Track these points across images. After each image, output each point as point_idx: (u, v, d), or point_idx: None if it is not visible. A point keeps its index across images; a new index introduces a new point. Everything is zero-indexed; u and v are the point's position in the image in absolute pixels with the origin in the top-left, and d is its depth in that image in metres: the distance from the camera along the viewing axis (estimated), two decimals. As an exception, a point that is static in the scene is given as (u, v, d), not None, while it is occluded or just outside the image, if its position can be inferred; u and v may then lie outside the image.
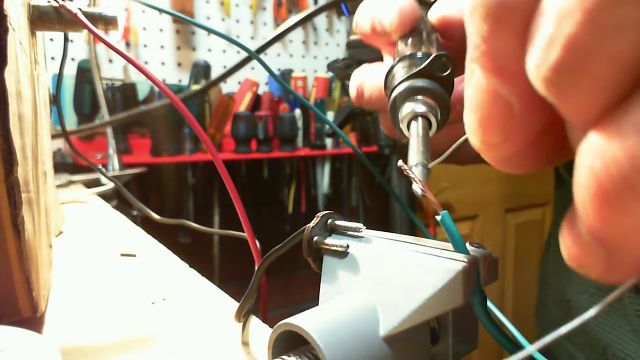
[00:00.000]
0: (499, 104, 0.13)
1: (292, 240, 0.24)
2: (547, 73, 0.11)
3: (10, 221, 0.25)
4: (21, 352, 0.21)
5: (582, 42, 0.10)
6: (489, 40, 0.12)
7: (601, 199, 0.10)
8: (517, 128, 0.13)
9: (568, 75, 0.10)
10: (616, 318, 0.43)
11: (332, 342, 0.19)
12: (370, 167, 0.35)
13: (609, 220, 0.11)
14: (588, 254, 0.12)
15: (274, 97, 1.80)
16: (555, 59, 0.10)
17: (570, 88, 0.11)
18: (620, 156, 0.10)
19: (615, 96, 0.11)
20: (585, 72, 0.10)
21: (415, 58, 0.24)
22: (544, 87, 0.11)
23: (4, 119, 0.23)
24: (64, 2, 0.34)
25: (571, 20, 0.10)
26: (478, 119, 0.13)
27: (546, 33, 0.11)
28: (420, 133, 0.21)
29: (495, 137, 0.13)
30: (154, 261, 0.45)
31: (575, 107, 0.11)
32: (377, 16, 0.28)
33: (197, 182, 1.68)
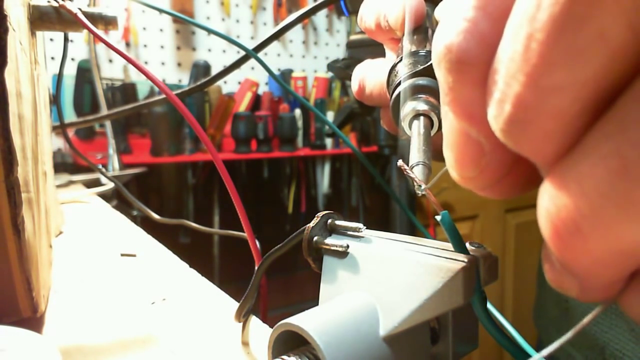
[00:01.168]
0: (470, 143, 0.14)
1: (292, 240, 0.24)
2: (503, 125, 0.12)
3: (10, 221, 0.25)
4: (21, 352, 0.21)
5: (528, 101, 0.11)
6: (454, 90, 0.14)
7: (557, 238, 0.12)
8: (489, 164, 0.14)
9: (519, 128, 0.12)
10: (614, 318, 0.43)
11: (332, 342, 0.19)
12: (369, 168, 0.35)
13: (567, 257, 0.12)
14: (563, 280, 0.13)
15: (274, 97, 1.80)
16: (507, 113, 0.12)
17: (522, 138, 0.12)
18: (568, 203, 0.11)
19: (563, 145, 0.12)
20: (533, 126, 0.12)
21: (418, 56, 0.24)
22: (501, 136, 0.13)
23: (4, 119, 0.23)
24: (64, 2, 0.34)
25: (517, 82, 0.11)
26: (454, 157, 0.15)
27: (499, 90, 0.12)
28: (421, 132, 0.21)
29: (470, 172, 0.15)
30: (154, 261, 0.45)
31: (530, 154, 0.12)
32: (382, 11, 0.28)
33: (197, 182, 1.68)
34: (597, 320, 0.44)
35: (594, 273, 0.12)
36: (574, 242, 0.11)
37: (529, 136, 0.12)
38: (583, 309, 0.46)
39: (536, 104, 0.11)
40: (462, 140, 0.14)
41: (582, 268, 0.12)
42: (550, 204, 0.12)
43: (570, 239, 0.11)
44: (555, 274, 0.13)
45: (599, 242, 0.11)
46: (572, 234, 0.11)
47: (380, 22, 0.28)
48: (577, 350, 0.48)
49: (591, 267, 0.12)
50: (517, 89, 0.11)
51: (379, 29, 0.28)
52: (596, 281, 0.12)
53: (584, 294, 0.13)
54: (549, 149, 0.12)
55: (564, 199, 0.11)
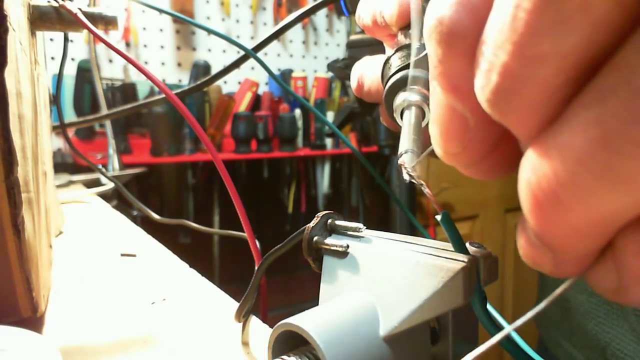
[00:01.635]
0: (455, 118, 0.14)
1: (292, 240, 0.24)
2: (489, 95, 0.12)
3: (10, 221, 0.25)
4: (21, 352, 0.21)
5: (514, 70, 0.12)
6: (443, 62, 0.14)
7: (537, 209, 0.12)
8: (473, 139, 0.14)
9: (505, 97, 0.12)
10: (615, 318, 0.43)
11: (332, 342, 0.19)
12: (369, 168, 0.35)
13: (546, 228, 0.12)
14: (538, 254, 0.13)
15: (274, 97, 1.80)
16: (494, 83, 0.12)
17: (508, 109, 0.12)
18: (548, 173, 0.11)
19: (546, 116, 0.12)
20: (518, 96, 0.12)
21: (412, 48, 0.24)
22: (487, 107, 0.13)
23: (4, 119, 0.23)
24: (64, 2, 0.34)
25: (504, 51, 0.12)
26: (439, 131, 0.15)
27: (486, 60, 0.12)
28: (412, 121, 0.21)
29: (454, 148, 0.15)
30: (154, 261, 0.45)
31: (514, 125, 0.13)
32: (377, 8, 0.28)
33: (197, 182, 1.68)
34: (599, 320, 0.44)
35: (571, 245, 0.12)
36: (553, 212, 0.12)
37: (514, 106, 0.12)
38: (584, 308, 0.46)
39: (522, 73, 0.11)
40: (448, 114, 0.14)
41: (559, 239, 0.12)
42: (530, 175, 0.12)
43: (550, 209, 0.12)
44: (530, 248, 0.13)
45: (577, 211, 0.11)
46: (551, 203, 0.12)
47: (377, 18, 0.28)
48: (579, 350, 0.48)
49: (568, 238, 0.12)
50: (504, 58, 0.12)
51: (375, 25, 0.29)
52: (571, 254, 0.13)
53: (558, 268, 0.13)
54: (532, 120, 0.12)
55: (545, 169, 0.12)
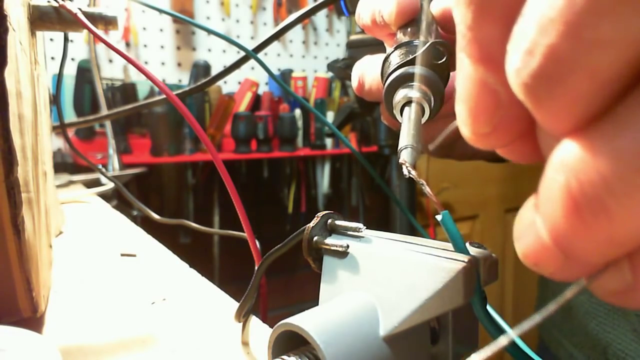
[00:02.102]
0: (486, 93, 0.13)
1: (292, 240, 0.24)
2: (526, 79, 0.11)
3: (10, 221, 0.25)
4: (21, 352, 0.21)
5: (563, 54, 0.10)
6: (474, 28, 0.12)
7: (574, 215, 0.11)
8: (505, 118, 0.13)
9: (546, 84, 0.10)
10: (616, 318, 0.43)
11: (332, 342, 0.19)
12: (369, 168, 0.35)
13: (577, 233, 0.11)
14: (546, 256, 0.12)
15: (274, 97, 1.80)
16: (535, 66, 0.10)
17: (547, 97, 0.11)
18: (594, 176, 0.10)
19: (592, 111, 0.11)
20: (563, 84, 0.10)
21: (411, 45, 0.24)
22: (521, 92, 0.11)
23: (4, 119, 0.23)
24: (64, 2, 0.34)
25: (553, 30, 0.10)
26: (467, 109, 0.13)
27: (528, 38, 0.11)
28: (412, 117, 0.21)
29: (484, 127, 0.13)
30: (154, 261, 0.45)
31: (550, 116, 0.11)
32: (376, 8, 0.28)
33: (197, 182, 1.68)
34: (600, 320, 0.44)
35: (599, 254, 0.11)
36: (595, 220, 0.10)
37: (556, 95, 0.10)
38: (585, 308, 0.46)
39: (573, 58, 0.10)
40: (478, 89, 0.13)
41: (588, 248, 0.11)
42: (569, 176, 0.11)
43: (591, 217, 0.10)
44: (539, 248, 0.12)
45: (623, 222, 0.10)
46: (594, 211, 0.10)
47: (376, 17, 0.28)
48: (579, 349, 0.48)
49: (601, 248, 0.11)
50: (552, 38, 0.10)
51: (375, 24, 0.29)
52: (586, 261, 0.12)
53: (561, 272, 0.12)
54: (575, 113, 0.11)
55: (591, 171, 0.10)
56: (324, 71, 2.03)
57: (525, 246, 0.13)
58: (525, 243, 0.13)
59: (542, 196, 0.12)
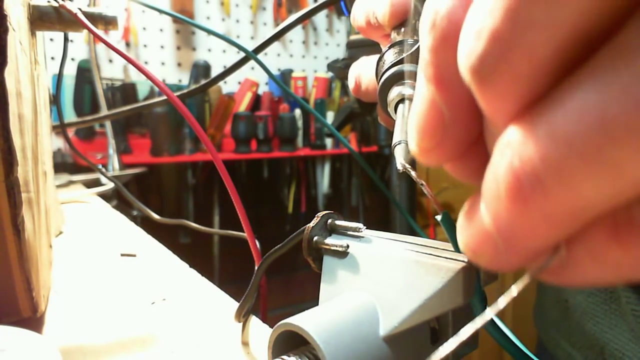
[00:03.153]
0: (433, 112, 0.14)
1: (292, 240, 0.24)
2: (473, 62, 0.12)
3: (10, 221, 0.25)
4: (21, 352, 0.21)
5: (503, 35, 0.11)
6: (432, 52, 0.14)
7: (516, 194, 0.11)
8: (447, 135, 0.14)
9: (491, 64, 0.11)
10: (613, 318, 0.43)
11: (332, 342, 0.19)
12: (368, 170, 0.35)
13: (517, 213, 0.12)
14: (485, 243, 0.13)
15: (274, 97, 1.80)
16: (480, 48, 0.12)
17: (492, 78, 0.12)
18: (533, 156, 0.11)
19: (533, 92, 0.12)
20: (505, 63, 0.11)
21: (405, 44, 0.24)
22: (469, 74, 0.12)
23: (4, 119, 0.23)
24: (64, 2, 0.34)
25: (495, 15, 0.11)
26: (415, 125, 0.15)
27: (476, 23, 0.12)
28: (405, 114, 0.21)
29: (427, 143, 0.15)
30: (154, 261, 0.45)
31: (494, 99, 0.12)
32: (370, 9, 0.28)
33: (197, 182, 1.68)
34: (597, 320, 0.44)
35: (536, 235, 0.12)
36: (533, 197, 0.11)
37: (499, 75, 0.11)
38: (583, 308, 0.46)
39: (512, 39, 0.11)
40: (426, 107, 0.14)
41: (526, 229, 0.12)
42: (512, 157, 0.11)
43: (530, 194, 0.11)
44: (479, 236, 0.13)
45: (559, 198, 0.11)
46: (533, 188, 0.11)
47: (370, 19, 0.28)
48: (577, 349, 0.48)
49: (537, 228, 0.12)
50: (493, 22, 0.11)
51: (369, 26, 0.29)
52: (524, 246, 0.12)
53: (496, 259, 0.13)
54: (517, 94, 0.12)
55: (530, 151, 0.11)
56: (324, 71, 2.03)
57: (467, 235, 0.14)
58: (468, 232, 0.13)
59: (486, 181, 0.12)
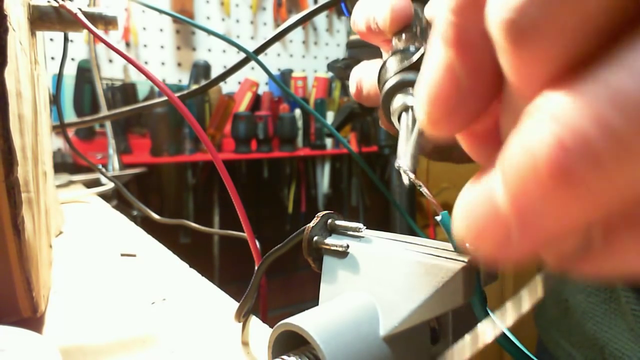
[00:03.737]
0: (450, 78, 0.13)
1: (292, 240, 0.24)
2: (510, 14, 0.10)
3: (10, 221, 0.25)
4: (21, 352, 0.21)
5: None
6: (457, 12, 0.12)
7: (559, 169, 0.09)
8: (460, 105, 0.13)
9: (532, 17, 0.10)
10: (613, 317, 0.43)
11: (332, 342, 0.19)
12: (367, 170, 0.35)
13: (557, 193, 0.10)
14: (494, 225, 0.11)
15: (274, 97, 1.80)
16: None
17: (531, 33, 0.10)
18: (589, 126, 0.09)
19: (578, 52, 0.10)
20: (550, 16, 0.10)
21: (407, 52, 0.24)
22: (503, 30, 0.10)
23: (4, 119, 0.23)
24: (64, 2, 0.34)
25: None
26: (428, 93, 0.14)
27: None
28: (409, 124, 0.21)
29: (439, 112, 0.13)
30: (154, 261, 0.45)
31: (533, 58, 0.10)
32: (371, 15, 0.28)
33: (197, 182, 1.68)
34: (597, 320, 0.44)
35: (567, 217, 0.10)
36: (584, 172, 0.09)
37: (542, 30, 0.10)
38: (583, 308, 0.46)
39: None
40: (441, 73, 0.13)
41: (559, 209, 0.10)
42: (559, 126, 0.09)
43: (581, 169, 0.09)
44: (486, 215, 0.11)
45: (617, 174, 0.09)
46: (586, 162, 0.09)
47: (371, 24, 0.28)
48: (577, 349, 0.48)
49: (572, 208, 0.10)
50: None
51: (370, 31, 0.29)
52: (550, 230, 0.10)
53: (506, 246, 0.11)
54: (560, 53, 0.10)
55: (584, 119, 0.09)
56: (324, 71, 2.03)
57: (469, 217, 0.12)
58: (470, 214, 0.12)
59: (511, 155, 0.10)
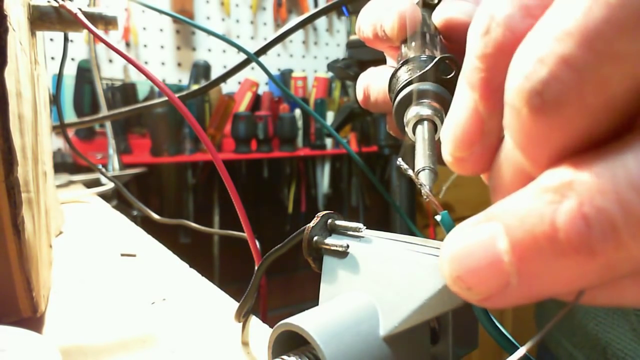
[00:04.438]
0: (475, 121, 0.14)
1: (292, 240, 0.24)
2: (534, 85, 0.11)
3: (10, 221, 0.25)
4: (21, 352, 0.21)
5: (575, 61, 0.10)
6: (483, 59, 0.13)
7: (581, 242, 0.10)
8: (484, 146, 0.14)
9: (555, 91, 0.10)
10: (616, 318, 0.43)
11: (332, 342, 0.19)
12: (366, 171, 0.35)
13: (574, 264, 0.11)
14: (493, 275, 0.12)
15: (274, 97, 1.80)
16: (546, 72, 0.10)
17: (552, 106, 0.10)
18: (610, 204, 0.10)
19: (596, 131, 0.11)
20: (572, 91, 0.10)
21: (418, 61, 0.24)
22: (524, 99, 0.11)
23: (4, 119, 0.23)
24: (64, 2, 0.34)
25: (568, 39, 0.10)
26: (454, 133, 0.14)
27: (541, 46, 0.11)
28: (426, 137, 0.21)
29: (463, 152, 0.14)
30: (154, 261, 0.45)
31: (551, 129, 0.11)
32: (377, 21, 0.28)
33: (197, 182, 1.68)
34: (599, 320, 0.44)
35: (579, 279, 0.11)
36: (604, 247, 0.10)
37: (563, 105, 0.10)
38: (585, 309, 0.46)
39: (585, 66, 0.10)
40: (467, 116, 0.14)
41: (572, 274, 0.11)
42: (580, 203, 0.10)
43: (601, 243, 0.10)
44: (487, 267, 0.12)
45: (631, 250, 0.10)
46: (606, 237, 0.10)
47: (377, 31, 0.28)
48: (579, 350, 0.48)
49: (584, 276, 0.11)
50: (566, 47, 0.10)
51: (376, 38, 0.28)
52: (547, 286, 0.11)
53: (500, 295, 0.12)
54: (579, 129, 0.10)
55: (606, 198, 0.10)
56: (324, 71, 2.03)
57: (468, 264, 0.12)
58: (469, 260, 0.12)
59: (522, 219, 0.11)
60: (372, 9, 0.29)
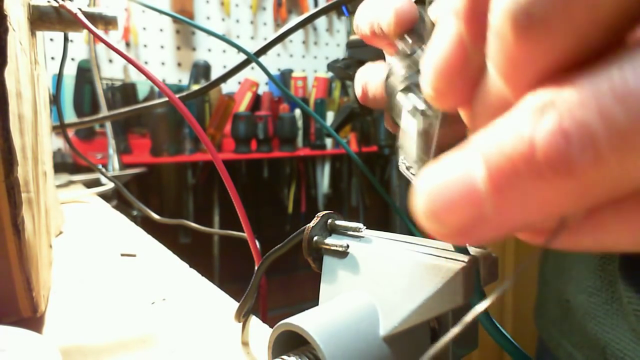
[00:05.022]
0: (459, 51, 0.13)
1: (292, 240, 0.24)
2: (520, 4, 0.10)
3: (10, 221, 0.25)
4: (21, 352, 0.21)
5: None
6: None
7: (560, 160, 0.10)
8: (466, 77, 0.13)
9: (542, 9, 0.10)
10: (615, 318, 0.43)
11: (332, 342, 0.19)
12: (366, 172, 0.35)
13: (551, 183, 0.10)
14: (466, 206, 0.11)
15: (274, 97, 1.80)
16: None
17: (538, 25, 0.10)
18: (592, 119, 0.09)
19: (584, 48, 0.10)
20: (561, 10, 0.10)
21: (414, 56, 0.24)
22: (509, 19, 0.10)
23: (4, 119, 0.23)
24: (64, 2, 0.34)
25: None
26: (436, 65, 0.14)
27: None
28: (420, 130, 0.21)
29: (445, 84, 0.14)
30: (154, 261, 0.45)
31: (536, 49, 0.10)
32: (374, 18, 0.28)
33: (197, 182, 1.68)
34: (598, 320, 0.44)
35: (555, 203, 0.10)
36: (583, 164, 0.10)
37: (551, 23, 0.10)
38: (584, 309, 0.46)
39: None
40: (450, 46, 0.13)
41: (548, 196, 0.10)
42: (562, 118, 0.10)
43: (581, 161, 0.10)
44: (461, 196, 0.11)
45: (612, 167, 0.09)
46: (589, 158, 0.10)
47: (375, 28, 0.28)
48: (578, 350, 0.48)
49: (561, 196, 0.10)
50: None
51: (374, 35, 0.29)
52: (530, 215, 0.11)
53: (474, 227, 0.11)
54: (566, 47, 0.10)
55: (588, 112, 0.09)
56: (324, 71, 2.03)
57: (438, 193, 0.12)
58: (439, 189, 0.12)
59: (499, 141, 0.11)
60: (369, 6, 0.29)
